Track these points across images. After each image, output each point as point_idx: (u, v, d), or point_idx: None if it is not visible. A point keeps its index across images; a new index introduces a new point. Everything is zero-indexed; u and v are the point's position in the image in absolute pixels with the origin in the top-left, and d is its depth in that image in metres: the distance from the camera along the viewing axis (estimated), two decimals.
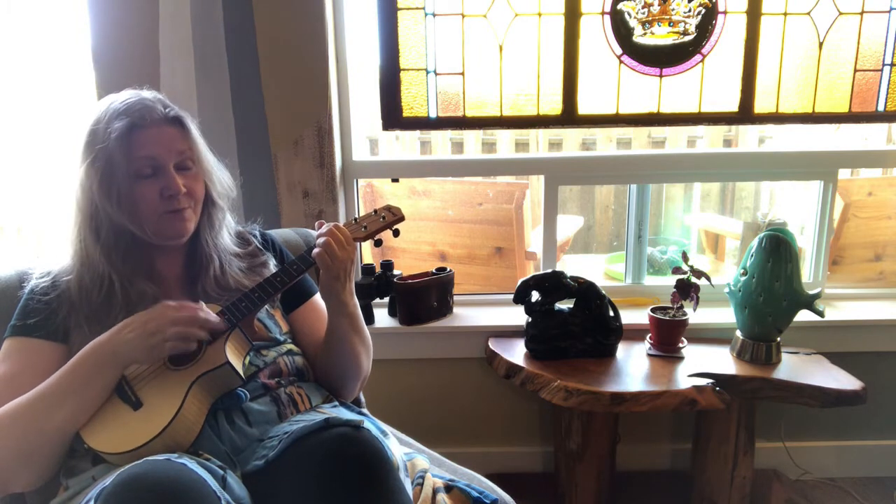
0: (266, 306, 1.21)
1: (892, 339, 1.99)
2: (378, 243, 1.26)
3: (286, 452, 0.97)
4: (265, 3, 1.73)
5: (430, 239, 2.98)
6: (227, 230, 1.25)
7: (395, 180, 2.15)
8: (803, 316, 1.73)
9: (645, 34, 1.86)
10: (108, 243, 1.09)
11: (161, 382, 1.04)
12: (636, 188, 2.08)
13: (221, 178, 1.21)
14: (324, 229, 1.17)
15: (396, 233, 1.28)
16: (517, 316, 1.93)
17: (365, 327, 1.28)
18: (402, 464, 1.04)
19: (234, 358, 1.07)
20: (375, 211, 1.27)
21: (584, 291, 1.77)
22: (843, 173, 2.30)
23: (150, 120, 1.08)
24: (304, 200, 1.87)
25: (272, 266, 1.27)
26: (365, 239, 1.23)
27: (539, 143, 4.14)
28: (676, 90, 1.92)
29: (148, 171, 1.08)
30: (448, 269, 2.01)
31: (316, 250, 1.14)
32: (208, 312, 1.06)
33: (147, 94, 1.13)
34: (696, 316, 1.86)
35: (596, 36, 1.87)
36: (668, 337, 1.81)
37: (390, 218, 1.26)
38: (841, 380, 1.68)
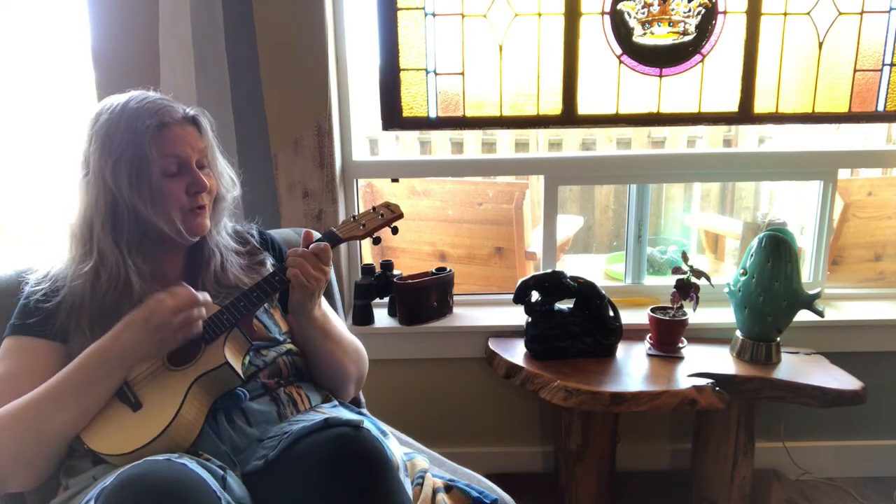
0: (265, 305, 1.20)
1: (892, 339, 1.99)
2: (377, 241, 1.24)
3: (286, 452, 0.97)
4: (265, 3, 1.73)
5: (430, 239, 2.98)
6: (225, 227, 1.25)
7: (395, 180, 2.15)
8: (803, 316, 1.73)
9: (645, 34, 1.86)
10: (130, 241, 1.09)
11: (160, 383, 1.04)
12: (636, 188, 2.07)
13: (227, 174, 1.21)
14: (301, 250, 1.14)
15: (395, 230, 1.25)
16: (517, 316, 1.92)
17: (344, 333, 1.26)
18: (402, 464, 1.04)
19: (233, 358, 1.07)
20: (374, 208, 1.24)
21: (584, 291, 1.77)
22: (843, 173, 2.30)
23: (174, 119, 1.09)
24: (303, 200, 1.87)
25: (270, 265, 1.26)
26: (364, 237, 1.21)
27: (539, 143, 4.14)
28: (676, 90, 1.92)
29: (174, 170, 1.09)
30: (448, 269, 2.01)
31: (290, 270, 1.11)
32: (203, 293, 1.06)
33: (154, 94, 1.13)
34: (696, 316, 1.86)
35: (596, 36, 1.87)
36: (668, 337, 1.81)
37: (389, 215, 1.24)
38: (841, 380, 1.68)
